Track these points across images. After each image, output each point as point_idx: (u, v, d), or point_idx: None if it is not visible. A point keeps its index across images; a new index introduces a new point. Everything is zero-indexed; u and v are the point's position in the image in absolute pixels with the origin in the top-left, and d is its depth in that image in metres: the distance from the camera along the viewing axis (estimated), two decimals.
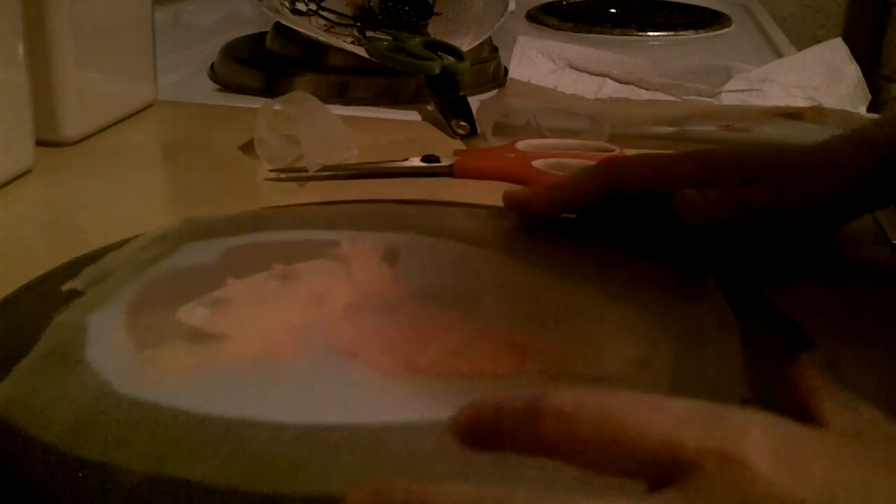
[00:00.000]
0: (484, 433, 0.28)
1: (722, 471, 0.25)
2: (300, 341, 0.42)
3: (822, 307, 0.49)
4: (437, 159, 0.68)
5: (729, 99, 0.77)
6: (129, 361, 0.40)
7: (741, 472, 0.25)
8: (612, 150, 0.69)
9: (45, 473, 0.34)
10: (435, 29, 0.96)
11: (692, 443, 0.26)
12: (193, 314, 0.44)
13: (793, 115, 0.75)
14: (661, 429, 0.26)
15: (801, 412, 0.29)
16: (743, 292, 0.48)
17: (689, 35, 1.22)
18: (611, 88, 0.80)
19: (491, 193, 0.60)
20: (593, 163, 0.58)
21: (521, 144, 0.70)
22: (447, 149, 0.70)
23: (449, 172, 0.67)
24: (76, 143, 0.72)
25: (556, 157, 0.67)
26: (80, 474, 0.33)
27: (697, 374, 0.40)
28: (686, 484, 0.25)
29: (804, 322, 0.46)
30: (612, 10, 1.31)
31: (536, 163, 0.67)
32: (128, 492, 0.33)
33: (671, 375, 0.40)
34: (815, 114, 0.74)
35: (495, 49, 0.98)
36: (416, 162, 0.68)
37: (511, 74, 0.80)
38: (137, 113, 0.80)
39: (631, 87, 0.80)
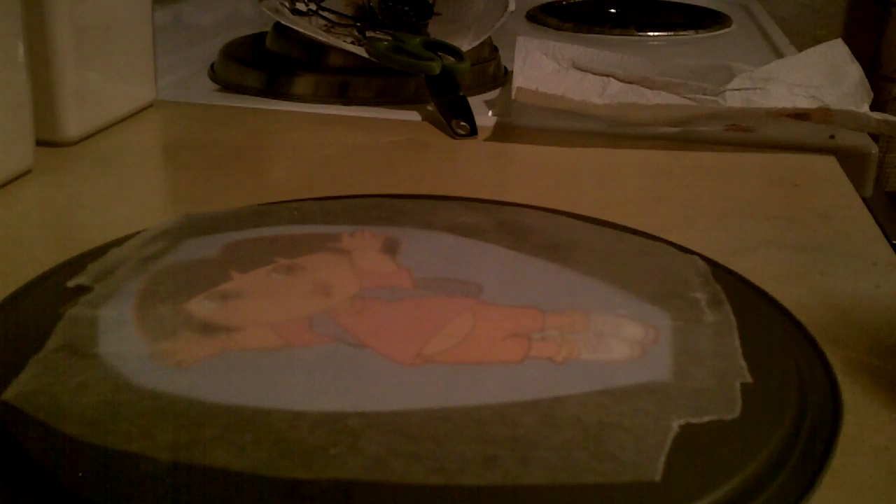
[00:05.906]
0: None
1: None
2: (310, 332, 0.42)
3: (819, 307, 0.49)
4: None
5: (733, 97, 0.76)
6: (143, 354, 0.40)
7: None
8: None
9: (67, 464, 0.33)
10: (435, 29, 0.96)
11: None
12: (202, 307, 0.44)
13: (799, 115, 0.74)
14: None
15: None
16: (737, 282, 0.49)
17: (689, 35, 1.21)
18: (615, 88, 0.79)
19: (497, 188, 0.59)
20: None
21: None
22: (449, 148, 0.68)
23: None
24: (76, 143, 0.72)
25: None
26: (103, 464, 0.33)
27: (699, 361, 0.41)
28: None
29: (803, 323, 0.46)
30: (612, 10, 1.32)
31: None
32: (152, 479, 0.33)
33: (674, 362, 0.41)
34: (822, 114, 0.73)
35: (495, 49, 0.98)
36: None
37: (516, 81, 0.78)
38: (137, 113, 0.80)
39: (635, 86, 0.79)
